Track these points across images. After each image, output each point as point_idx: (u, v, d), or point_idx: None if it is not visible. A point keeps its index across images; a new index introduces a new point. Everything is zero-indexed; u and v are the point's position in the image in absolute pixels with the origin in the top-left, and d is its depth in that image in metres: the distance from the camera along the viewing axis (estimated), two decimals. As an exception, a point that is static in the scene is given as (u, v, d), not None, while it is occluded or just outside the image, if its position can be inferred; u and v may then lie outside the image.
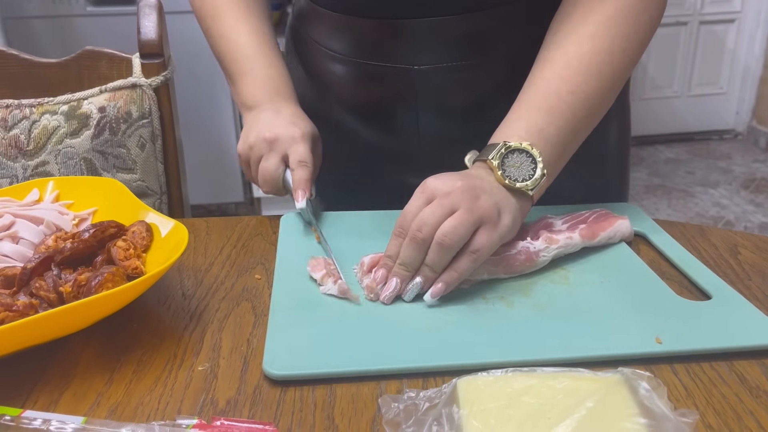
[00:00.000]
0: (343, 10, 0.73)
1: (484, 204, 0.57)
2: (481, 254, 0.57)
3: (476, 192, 0.57)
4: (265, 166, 0.70)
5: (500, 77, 0.73)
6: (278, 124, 0.71)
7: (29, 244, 0.61)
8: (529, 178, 0.61)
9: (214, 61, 0.80)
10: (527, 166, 0.61)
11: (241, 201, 2.70)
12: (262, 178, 0.71)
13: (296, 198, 0.68)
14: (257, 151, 0.71)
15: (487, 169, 0.62)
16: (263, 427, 0.43)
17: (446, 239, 0.55)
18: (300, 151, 0.69)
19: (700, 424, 0.45)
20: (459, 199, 0.57)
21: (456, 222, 0.56)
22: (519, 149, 0.61)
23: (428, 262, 0.56)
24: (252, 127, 0.72)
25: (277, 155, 0.70)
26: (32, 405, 0.46)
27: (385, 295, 0.57)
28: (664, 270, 0.64)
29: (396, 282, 0.57)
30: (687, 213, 2.75)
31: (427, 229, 0.56)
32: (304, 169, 0.69)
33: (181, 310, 0.58)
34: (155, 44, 0.88)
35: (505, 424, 0.41)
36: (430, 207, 0.57)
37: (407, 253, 0.57)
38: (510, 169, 0.61)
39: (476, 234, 0.57)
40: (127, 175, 0.89)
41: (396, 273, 0.57)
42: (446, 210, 0.56)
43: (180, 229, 0.58)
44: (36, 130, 0.85)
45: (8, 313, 0.49)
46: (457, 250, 0.57)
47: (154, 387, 0.48)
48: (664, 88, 3.45)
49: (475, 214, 0.56)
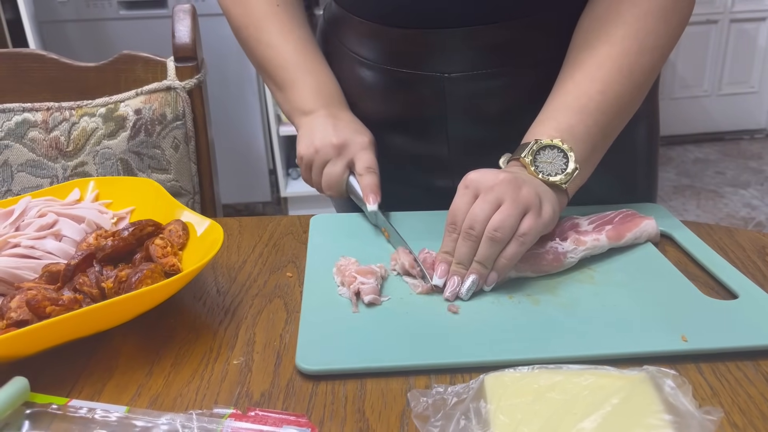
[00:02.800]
0: (375, 19, 0.74)
1: (526, 193, 0.59)
2: (528, 238, 0.59)
3: (518, 183, 0.60)
4: (331, 170, 0.73)
5: (532, 85, 0.74)
6: (344, 130, 0.73)
7: (71, 241, 0.64)
8: (562, 172, 0.62)
9: (242, 63, 0.82)
10: (559, 162, 0.63)
11: (269, 201, 2.73)
12: (327, 182, 0.74)
13: (368, 202, 0.70)
14: (323, 155, 0.73)
15: (520, 167, 0.64)
16: (296, 419, 0.45)
17: (497, 234, 0.58)
18: (368, 158, 0.72)
19: (725, 422, 0.45)
20: (503, 191, 0.59)
21: (503, 215, 0.58)
22: (550, 146, 0.63)
23: (480, 258, 0.59)
24: (315, 132, 0.74)
25: (343, 160, 0.73)
26: (77, 395, 0.49)
27: (450, 292, 0.59)
28: (690, 270, 0.65)
29: (457, 279, 0.59)
30: (716, 214, 2.72)
31: (478, 226, 0.58)
32: (373, 175, 0.71)
33: (216, 306, 0.60)
34: (189, 48, 0.90)
35: (531, 418, 0.43)
36: (478, 203, 0.59)
37: (463, 251, 0.59)
38: (542, 165, 0.63)
39: (522, 220, 0.59)
40: (162, 175, 0.91)
41: (455, 271, 0.59)
42: (493, 204, 0.59)
43: (215, 227, 0.60)
44: (75, 132, 0.88)
45: (54, 307, 0.51)
46: (507, 242, 0.59)
47: (191, 379, 0.50)
48: (693, 87, 3.41)
49: (520, 204, 0.59)
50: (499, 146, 0.68)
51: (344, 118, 0.76)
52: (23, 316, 0.51)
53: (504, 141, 0.68)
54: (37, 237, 0.62)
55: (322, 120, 0.74)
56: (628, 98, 0.65)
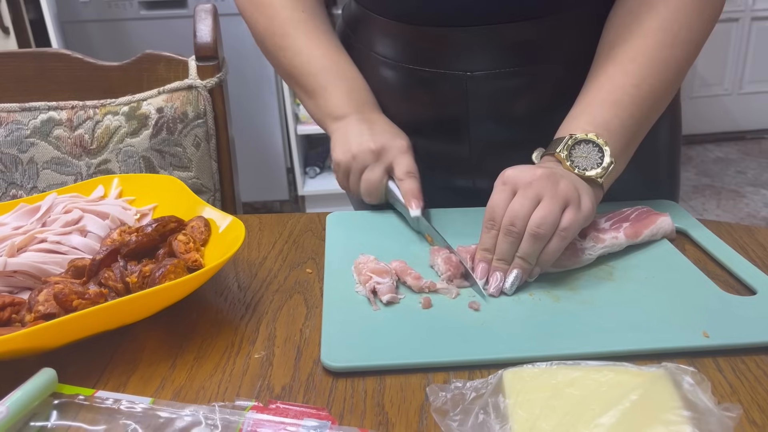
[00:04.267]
0: (396, 17, 0.74)
1: (564, 188, 0.59)
2: (569, 232, 0.59)
3: (555, 178, 0.60)
4: (369, 176, 0.72)
5: (558, 84, 0.73)
6: (381, 134, 0.72)
7: (96, 237, 0.65)
8: (597, 166, 0.63)
9: (260, 62, 0.83)
10: (594, 156, 0.63)
11: (286, 199, 2.75)
12: (366, 189, 0.73)
13: (410, 207, 0.69)
14: (361, 161, 0.72)
15: (555, 162, 0.64)
16: (317, 412, 0.45)
17: (540, 230, 0.58)
18: (407, 162, 0.71)
19: (744, 419, 0.45)
20: (541, 187, 0.59)
21: (545, 211, 0.58)
22: (585, 140, 0.63)
23: (522, 254, 0.59)
24: (350, 137, 0.73)
25: (381, 166, 0.71)
26: (103, 386, 0.50)
27: (495, 287, 0.59)
28: (709, 268, 0.65)
29: (499, 275, 0.59)
30: (737, 214, 2.69)
31: (519, 222, 0.58)
32: (413, 180, 0.70)
33: (237, 302, 0.61)
34: (210, 47, 0.92)
35: (549, 413, 0.43)
36: (518, 200, 0.59)
37: (504, 247, 0.59)
38: (578, 159, 0.63)
39: (563, 215, 0.59)
40: (183, 172, 0.93)
41: (497, 267, 0.60)
42: (533, 200, 0.59)
43: (237, 224, 0.61)
44: (99, 130, 0.90)
45: (81, 301, 0.53)
46: (549, 237, 0.59)
47: (213, 372, 0.51)
48: (714, 86, 3.37)
49: (559, 199, 0.59)
50: (522, 147, 0.68)
51: (379, 122, 0.75)
52: (51, 310, 0.52)
53: (527, 141, 0.68)
54: (63, 232, 0.63)
55: (357, 125, 0.73)
56: (662, 91, 0.65)
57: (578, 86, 0.68)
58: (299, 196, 2.71)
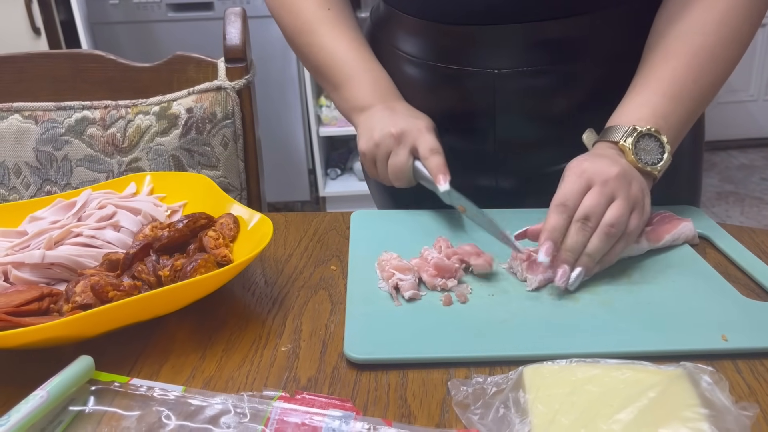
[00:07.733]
0: (425, 16, 0.75)
1: (636, 190, 0.61)
2: (633, 237, 0.61)
3: (628, 178, 0.61)
4: (395, 161, 0.72)
5: (590, 84, 0.73)
6: (400, 119, 0.73)
7: (129, 232, 0.67)
8: (658, 162, 0.64)
9: (285, 65, 0.84)
10: (656, 151, 0.64)
11: (307, 200, 2.77)
12: (393, 173, 0.73)
13: (438, 183, 0.69)
14: (384, 147, 0.73)
15: (618, 151, 0.65)
16: (342, 403, 0.47)
17: (613, 230, 0.59)
18: (430, 140, 0.71)
19: (761, 419, 0.46)
20: (617, 186, 0.60)
21: (620, 212, 0.59)
22: (650, 134, 0.64)
23: (591, 250, 0.59)
24: (373, 126, 0.74)
25: (405, 148, 0.72)
26: (137, 374, 0.52)
27: (561, 280, 0.59)
28: (730, 272, 0.65)
29: (566, 268, 0.60)
30: (761, 221, 2.66)
31: (595, 218, 0.60)
32: (438, 156, 0.70)
33: (264, 296, 0.62)
34: (239, 50, 0.94)
35: (568, 409, 0.44)
36: (594, 196, 0.60)
37: (578, 239, 0.60)
38: (642, 153, 0.64)
39: (630, 217, 0.61)
40: (211, 171, 0.95)
41: (565, 259, 0.60)
42: (608, 199, 0.60)
43: (265, 221, 0.63)
44: (130, 129, 0.92)
45: (116, 292, 0.55)
46: (618, 238, 0.60)
47: (242, 364, 0.53)
48: (739, 91, 3.33)
49: (631, 201, 0.60)
50: (549, 145, 0.68)
51: (400, 108, 0.75)
52: (87, 300, 0.54)
53: (555, 140, 0.68)
54: (98, 227, 0.66)
55: (380, 113, 0.74)
56: (715, 88, 0.66)
57: (612, 85, 0.68)
58: (320, 197, 2.73)
